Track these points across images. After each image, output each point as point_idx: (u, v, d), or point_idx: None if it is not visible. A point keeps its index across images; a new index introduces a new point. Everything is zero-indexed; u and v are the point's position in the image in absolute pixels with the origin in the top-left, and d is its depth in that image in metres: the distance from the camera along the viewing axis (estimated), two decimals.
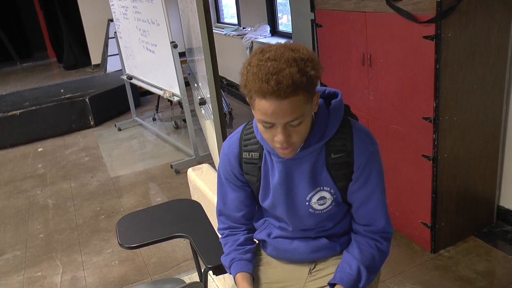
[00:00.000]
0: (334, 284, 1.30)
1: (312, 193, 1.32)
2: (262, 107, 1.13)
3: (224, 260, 1.45)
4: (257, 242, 1.53)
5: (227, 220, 1.50)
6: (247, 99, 1.19)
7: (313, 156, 1.29)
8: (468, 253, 2.55)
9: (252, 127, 1.38)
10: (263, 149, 1.35)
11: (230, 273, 1.43)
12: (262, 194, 1.40)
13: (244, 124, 1.42)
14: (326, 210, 1.35)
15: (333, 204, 1.34)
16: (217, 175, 1.48)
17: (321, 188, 1.32)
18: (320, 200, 1.33)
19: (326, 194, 1.33)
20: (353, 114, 1.38)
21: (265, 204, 1.41)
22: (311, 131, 1.25)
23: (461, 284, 2.33)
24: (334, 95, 1.33)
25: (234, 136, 1.41)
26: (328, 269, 1.41)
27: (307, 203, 1.33)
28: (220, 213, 1.51)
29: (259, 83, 1.10)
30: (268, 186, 1.37)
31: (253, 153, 1.36)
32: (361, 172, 1.29)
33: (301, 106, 1.13)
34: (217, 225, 1.54)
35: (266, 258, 1.50)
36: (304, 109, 1.14)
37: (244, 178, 1.41)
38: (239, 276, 1.38)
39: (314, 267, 1.44)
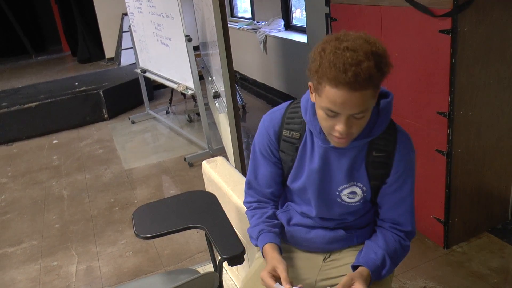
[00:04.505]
0: (356, 267, 1.30)
1: (345, 186, 1.34)
2: (331, 96, 1.12)
3: (251, 231, 1.44)
4: None
5: (256, 194, 1.50)
6: (312, 84, 1.17)
7: (355, 151, 1.30)
8: (481, 249, 2.54)
9: (299, 106, 1.37)
10: (305, 130, 1.35)
11: (256, 245, 1.42)
12: (293, 175, 1.40)
13: (290, 102, 1.42)
14: (353, 204, 1.36)
15: (361, 201, 1.36)
16: (252, 148, 1.47)
17: (355, 183, 1.33)
18: (351, 194, 1.34)
19: (358, 190, 1.34)
20: None
21: (295, 185, 1.41)
22: None
23: (474, 280, 2.32)
24: (385, 95, 1.33)
25: (278, 111, 1.41)
26: (343, 259, 1.42)
27: (337, 193, 1.35)
28: (249, 186, 1.51)
29: (335, 72, 1.08)
30: (302, 168, 1.37)
31: (294, 133, 1.36)
32: (397, 178, 1.31)
33: (369, 100, 1.14)
34: (244, 198, 1.55)
35: (282, 244, 1.51)
36: (370, 103, 1.16)
37: (279, 155, 1.41)
38: (268, 246, 1.36)
39: (329, 256, 1.46)
